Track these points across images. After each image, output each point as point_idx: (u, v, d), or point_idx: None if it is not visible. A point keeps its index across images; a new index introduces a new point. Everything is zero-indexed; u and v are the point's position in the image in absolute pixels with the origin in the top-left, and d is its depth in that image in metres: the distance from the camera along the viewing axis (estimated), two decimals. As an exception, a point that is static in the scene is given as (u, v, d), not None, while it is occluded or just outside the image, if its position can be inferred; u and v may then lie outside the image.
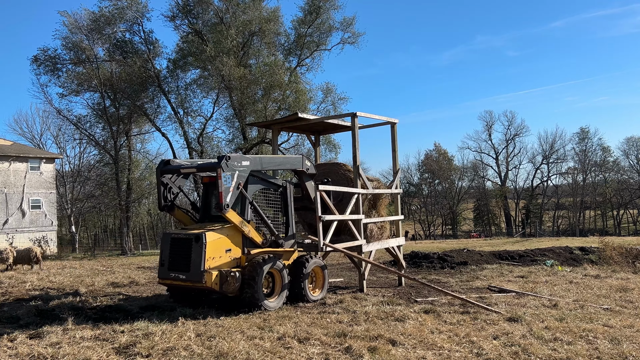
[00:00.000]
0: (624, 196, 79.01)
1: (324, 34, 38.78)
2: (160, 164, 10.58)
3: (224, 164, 9.19)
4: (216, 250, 9.31)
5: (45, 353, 6.64)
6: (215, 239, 9.32)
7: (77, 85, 37.32)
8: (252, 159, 9.89)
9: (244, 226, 9.68)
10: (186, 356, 6.54)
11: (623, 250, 19.24)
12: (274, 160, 10.75)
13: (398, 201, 14.57)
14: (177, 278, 9.37)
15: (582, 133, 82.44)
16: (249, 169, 9.73)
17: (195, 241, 9.20)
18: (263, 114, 34.29)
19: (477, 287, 12.76)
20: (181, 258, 9.36)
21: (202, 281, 9.03)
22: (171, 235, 9.75)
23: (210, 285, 9.05)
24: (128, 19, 36.80)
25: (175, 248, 9.53)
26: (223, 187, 9.09)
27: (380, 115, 13.56)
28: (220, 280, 9.16)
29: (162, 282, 9.90)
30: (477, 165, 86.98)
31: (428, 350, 6.89)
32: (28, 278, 14.74)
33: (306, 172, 11.30)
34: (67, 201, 45.07)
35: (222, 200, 9.05)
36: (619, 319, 8.82)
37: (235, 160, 9.47)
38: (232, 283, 9.17)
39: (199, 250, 9.10)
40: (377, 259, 16.74)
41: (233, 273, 9.20)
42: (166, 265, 9.56)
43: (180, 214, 10.73)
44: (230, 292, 9.28)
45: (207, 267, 9.09)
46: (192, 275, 9.14)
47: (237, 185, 9.38)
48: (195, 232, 9.32)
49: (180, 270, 9.33)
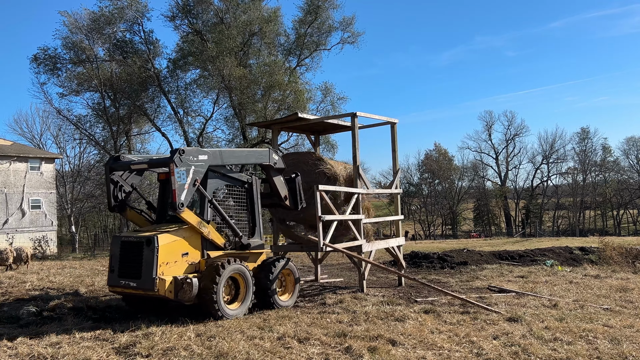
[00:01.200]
0: (624, 196, 79.01)
1: (324, 33, 38.81)
2: (110, 160, 9.72)
3: (177, 159, 8.39)
4: (170, 254, 8.47)
5: (45, 353, 6.64)
6: (169, 242, 8.49)
7: (77, 85, 37.31)
8: (210, 153, 9.12)
9: (202, 227, 8.89)
10: (186, 356, 6.54)
11: (623, 250, 19.25)
12: (237, 154, 9.90)
13: (398, 201, 14.56)
14: (127, 286, 8.53)
15: (582, 133, 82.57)
16: (207, 163, 8.92)
17: (147, 245, 8.35)
18: (263, 114, 34.30)
19: (477, 287, 12.76)
20: (132, 264, 8.54)
21: (154, 289, 8.18)
22: (121, 238, 8.90)
23: (164, 294, 8.24)
24: (128, 19, 36.80)
25: (125, 253, 8.68)
26: (177, 185, 8.31)
27: (380, 115, 13.57)
28: (175, 287, 8.34)
29: (113, 290, 9.09)
30: (477, 165, 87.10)
31: (428, 350, 6.89)
32: (28, 278, 14.74)
33: (274, 166, 10.54)
34: (67, 201, 45.06)
35: (175, 198, 8.26)
36: (619, 319, 8.82)
37: (191, 154, 8.65)
38: (187, 291, 8.31)
39: (150, 254, 8.26)
40: (377, 259, 16.74)
41: (189, 280, 8.35)
42: (116, 271, 8.74)
43: (133, 214, 9.89)
44: (186, 301, 8.44)
45: (160, 273, 8.25)
46: (143, 282, 8.30)
47: (193, 182, 8.58)
48: (147, 235, 8.47)
49: (131, 277, 8.49)
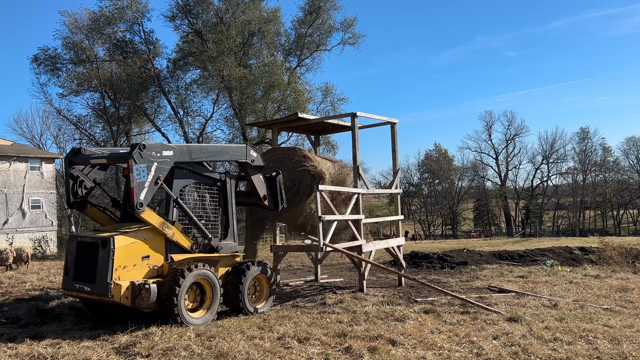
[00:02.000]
0: (624, 196, 79.05)
1: (324, 34, 38.80)
2: (70, 153, 9.04)
3: (137, 154, 7.75)
4: (128, 257, 7.89)
5: (45, 353, 6.64)
6: (126, 244, 7.89)
7: (77, 85, 37.32)
8: (177, 148, 8.47)
9: (166, 228, 8.28)
10: (186, 356, 6.54)
11: (623, 250, 19.25)
12: (208, 150, 9.20)
13: (398, 201, 14.56)
14: (82, 290, 7.97)
15: (582, 133, 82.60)
16: (172, 160, 8.28)
17: (102, 246, 7.78)
18: (263, 114, 34.31)
19: (477, 287, 12.76)
20: (87, 266, 7.98)
21: (108, 294, 7.62)
22: (77, 238, 8.35)
23: (119, 300, 7.66)
24: (128, 19, 36.81)
25: (80, 254, 8.14)
26: (136, 182, 7.71)
27: (380, 115, 13.57)
28: (132, 293, 7.75)
29: (68, 294, 8.61)
30: (477, 165, 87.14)
31: (428, 350, 6.89)
32: (28, 278, 14.74)
33: (251, 164, 9.86)
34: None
35: (134, 197, 7.67)
36: (619, 319, 8.81)
37: (153, 149, 8.01)
38: (145, 297, 7.73)
39: (105, 257, 7.70)
40: (377, 259, 16.74)
41: (147, 285, 7.78)
42: (71, 274, 8.19)
43: (94, 212, 9.24)
44: (145, 308, 7.87)
45: (115, 277, 7.69)
46: (97, 287, 7.75)
47: (155, 179, 7.96)
48: (104, 236, 7.91)
49: (85, 281, 7.93)
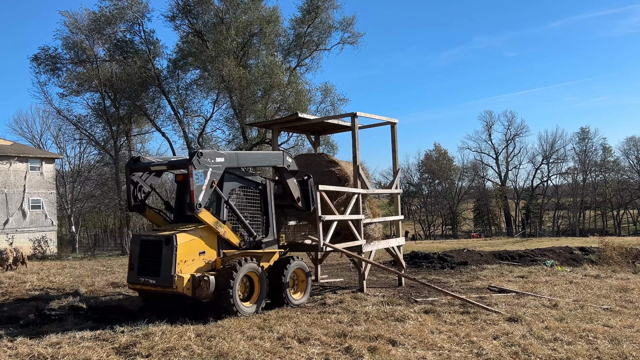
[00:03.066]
0: (624, 196, 79.00)
1: (324, 33, 38.81)
2: (130, 162, 10.00)
3: (196, 161, 8.63)
4: (188, 253, 8.80)
5: (45, 353, 6.64)
6: (187, 241, 8.81)
7: (77, 85, 37.34)
8: (227, 155, 9.30)
9: (219, 227, 9.16)
10: (186, 356, 6.54)
11: (623, 250, 19.25)
12: (252, 157, 10.19)
13: (398, 201, 14.56)
14: (147, 283, 8.86)
15: (582, 133, 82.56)
16: (223, 165, 9.15)
17: (166, 243, 8.68)
18: (263, 114, 34.31)
19: (477, 287, 12.76)
20: (151, 262, 8.85)
21: (172, 286, 8.52)
22: (141, 237, 9.19)
23: (182, 291, 8.58)
24: (128, 19, 36.82)
25: (144, 251, 9.00)
26: (195, 186, 8.55)
27: (380, 115, 13.57)
28: (192, 285, 8.65)
29: (132, 287, 9.44)
30: (477, 165, 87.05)
31: (428, 350, 6.89)
32: (28, 278, 14.74)
33: (287, 169, 10.68)
34: (67, 201, 45.07)
35: (193, 199, 8.53)
36: (619, 319, 8.82)
37: (209, 156, 8.88)
38: (205, 288, 8.61)
39: (169, 253, 8.60)
40: (377, 259, 16.74)
41: (206, 277, 8.64)
42: (135, 269, 9.07)
43: (152, 214, 10.15)
44: (203, 298, 8.73)
45: (178, 271, 8.58)
46: (162, 280, 8.63)
47: (210, 183, 8.82)
48: (166, 234, 8.79)
49: (150, 275, 8.81)
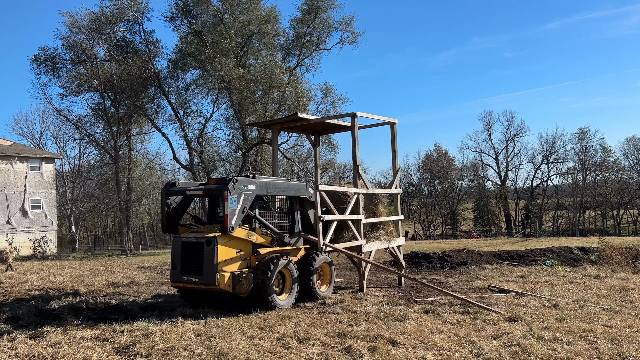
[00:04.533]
0: (624, 196, 78.97)
1: (323, 33, 38.81)
2: (166, 186, 10.77)
3: (231, 187, 9.33)
4: (227, 252, 9.50)
5: (45, 353, 6.64)
6: (226, 241, 9.50)
7: (77, 85, 37.33)
8: (258, 183, 10.00)
9: (251, 237, 9.91)
10: (186, 356, 6.54)
11: (623, 250, 19.24)
12: (280, 186, 10.82)
13: (398, 201, 14.55)
14: (190, 281, 9.57)
15: (581, 133, 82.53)
16: (254, 192, 9.90)
17: (207, 244, 9.38)
18: (263, 114, 34.29)
19: (477, 287, 12.76)
20: (193, 261, 9.52)
21: (215, 283, 9.20)
22: (182, 239, 9.86)
23: (224, 287, 9.24)
24: (128, 19, 36.83)
25: (186, 252, 9.67)
26: (229, 210, 9.22)
27: (380, 115, 13.56)
28: (232, 281, 9.32)
29: (175, 285, 10.12)
30: (477, 165, 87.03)
31: (428, 350, 6.89)
32: (28, 278, 14.74)
33: (309, 199, 11.36)
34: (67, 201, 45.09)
35: (227, 222, 9.23)
36: (619, 319, 8.82)
37: (242, 183, 9.63)
38: (244, 284, 9.29)
39: (211, 253, 9.29)
40: (377, 259, 16.74)
41: (245, 274, 9.34)
42: (178, 268, 9.72)
43: (183, 230, 10.71)
44: (243, 293, 9.38)
45: (219, 269, 9.27)
46: (205, 277, 9.31)
47: (242, 208, 9.52)
48: (207, 236, 9.49)
49: (193, 274, 9.50)
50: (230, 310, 9.42)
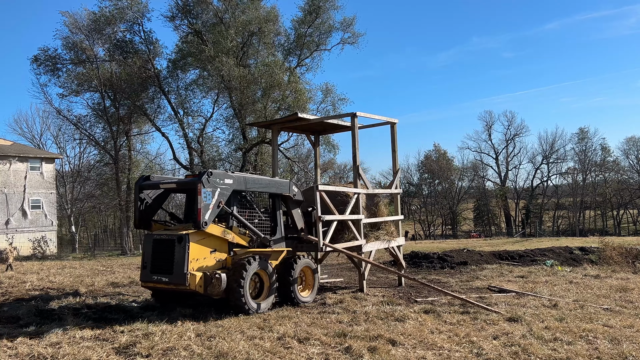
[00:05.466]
0: (624, 196, 78.99)
1: (324, 34, 38.82)
2: (140, 180, 10.25)
3: (205, 180, 8.85)
4: (200, 251, 9.02)
5: (45, 353, 6.64)
6: (199, 239, 9.01)
7: (77, 85, 37.38)
8: (236, 178, 9.50)
9: (226, 235, 9.41)
10: (186, 356, 6.54)
11: (623, 250, 19.25)
12: (259, 181, 10.30)
13: (398, 201, 14.55)
14: (159, 281, 9.06)
15: (581, 133, 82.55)
16: (231, 187, 9.36)
17: (178, 242, 8.89)
18: (263, 114, 34.29)
19: (477, 287, 12.76)
20: (164, 260, 9.04)
21: (185, 283, 8.73)
22: (153, 236, 9.41)
23: (195, 288, 8.77)
24: (128, 19, 36.86)
25: (157, 249, 9.21)
26: (202, 204, 8.74)
27: (380, 115, 13.56)
28: (204, 282, 8.86)
29: (145, 285, 9.63)
30: (477, 165, 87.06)
31: (428, 350, 6.89)
32: (28, 278, 14.74)
33: (292, 197, 10.87)
34: (67, 201, 45.12)
35: (200, 217, 8.73)
36: (619, 319, 8.82)
37: (218, 176, 9.12)
38: (217, 285, 8.81)
39: (182, 251, 8.81)
40: (377, 259, 16.73)
41: (218, 275, 8.84)
42: (148, 267, 9.25)
43: (157, 227, 10.15)
44: (215, 295, 8.92)
45: (190, 269, 8.78)
46: (175, 277, 8.83)
47: (217, 203, 9.03)
48: (179, 233, 9.00)
49: (163, 273, 9.01)
50: (230, 310, 9.41)
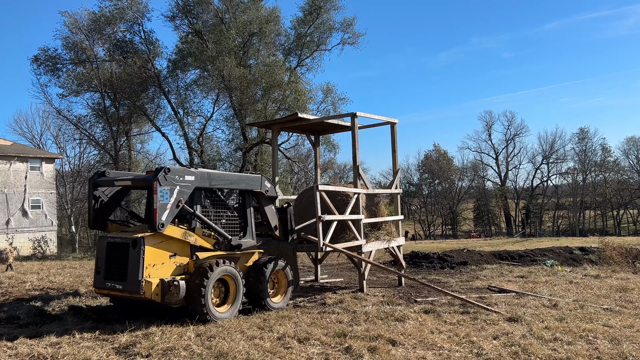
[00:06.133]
0: (624, 196, 79.00)
1: (324, 34, 38.76)
2: (94, 176, 9.41)
3: (162, 177, 8.09)
4: (158, 256, 8.25)
5: (45, 353, 6.64)
6: (156, 243, 8.23)
7: (77, 85, 37.30)
8: (198, 174, 8.77)
9: (188, 237, 8.66)
10: (186, 356, 6.54)
11: (623, 250, 19.26)
12: (226, 177, 9.53)
13: (398, 201, 14.55)
14: (113, 288, 8.31)
15: (581, 133, 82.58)
16: (193, 184, 8.62)
17: (133, 246, 8.11)
18: (263, 114, 34.28)
19: (477, 287, 12.76)
20: (117, 265, 8.30)
21: (140, 292, 7.96)
22: (107, 239, 8.65)
23: (150, 297, 8.02)
24: (128, 19, 36.79)
25: (111, 253, 8.45)
26: (158, 204, 7.96)
27: (380, 115, 13.57)
28: (162, 290, 8.11)
29: (99, 292, 8.93)
30: (477, 165, 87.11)
31: (428, 350, 6.89)
32: (28, 278, 14.74)
33: (265, 194, 10.13)
34: (67, 201, 45.12)
35: (156, 218, 7.95)
36: (619, 319, 8.82)
37: (177, 173, 8.38)
38: (175, 293, 8.07)
39: (136, 256, 8.03)
40: (377, 259, 16.74)
41: (176, 282, 8.13)
42: (102, 273, 8.49)
43: (115, 228, 9.36)
44: (173, 304, 8.21)
45: (146, 275, 8.03)
46: (129, 284, 8.07)
47: (176, 202, 8.27)
48: (133, 236, 8.23)
49: (117, 279, 8.27)
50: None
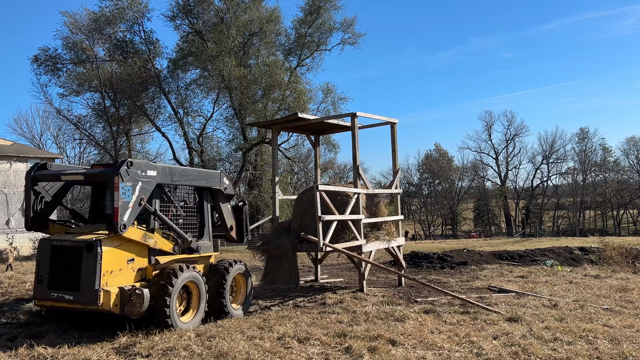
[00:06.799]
0: (624, 196, 79.01)
1: (325, 34, 38.80)
2: (33, 168, 8.32)
3: (124, 172, 7.29)
4: (115, 261, 7.38)
5: (45, 353, 6.65)
6: (113, 247, 7.38)
7: (77, 85, 37.31)
8: (160, 169, 8.11)
9: (148, 239, 7.92)
10: (186, 356, 6.54)
11: (623, 250, 19.24)
12: (187, 173, 8.87)
13: (398, 201, 14.55)
14: (61, 299, 7.30)
15: (581, 133, 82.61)
16: (155, 180, 7.90)
17: (87, 250, 7.21)
18: (263, 114, 34.31)
19: (477, 287, 12.76)
20: (67, 272, 7.34)
21: (97, 303, 7.05)
22: (52, 242, 7.63)
23: (109, 308, 7.16)
24: (128, 19, 36.81)
25: (58, 259, 7.45)
26: (120, 202, 7.19)
27: (380, 115, 13.56)
28: (121, 300, 7.26)
29: (40, 304, 7.84)
30: (477, 165, 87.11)
31: (428, 350, 6.89)
32: (28, 278, 14.72)
33: (223, 191, 9.58)
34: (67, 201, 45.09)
35: (117, 218, 7.16)
36: (619, 319, 8.82)
37: (139, 167, 7.60)
38: (137, 304, 7.25)
39: (92, 262, 7.12)
40: (377, 259, 16.73)
41: (139, 291, 7.30)
42: (45, 281, 7.46)
43: (56, 229, 8.52)
44: (134, 315, 7.36)
45: (103, 284, 7.15)
46: (83, 295, 7.14)
47: (139, 200, 7.52)
48: (87, 239, 7.35)
49: (66, 289, 7.28)
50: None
